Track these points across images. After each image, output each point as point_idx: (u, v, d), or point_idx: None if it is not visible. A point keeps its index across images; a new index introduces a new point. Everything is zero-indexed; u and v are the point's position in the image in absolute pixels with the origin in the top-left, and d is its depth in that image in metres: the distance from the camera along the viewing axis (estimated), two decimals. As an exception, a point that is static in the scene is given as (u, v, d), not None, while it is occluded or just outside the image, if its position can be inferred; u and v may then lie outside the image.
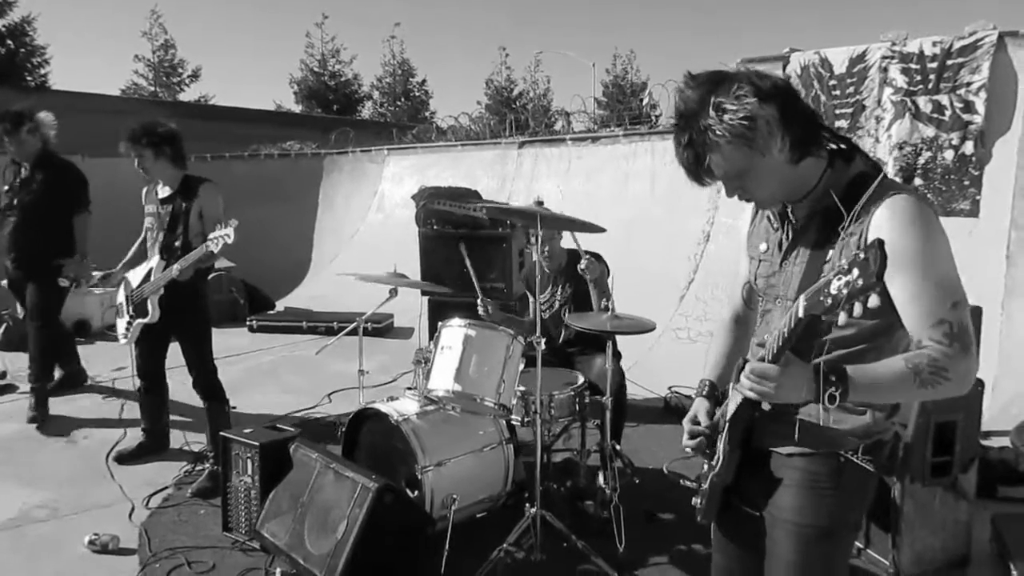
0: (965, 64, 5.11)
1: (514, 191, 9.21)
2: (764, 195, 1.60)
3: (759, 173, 1.52)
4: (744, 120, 1.44)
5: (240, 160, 12.51)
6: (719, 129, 1.46)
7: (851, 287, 1.27)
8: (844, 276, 1.29)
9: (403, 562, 2.96)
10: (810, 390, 1.44)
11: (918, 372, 1.42)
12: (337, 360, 6.05)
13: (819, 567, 1.64)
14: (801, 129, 1.50)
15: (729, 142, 1.46)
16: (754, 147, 1.47)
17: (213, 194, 4.03)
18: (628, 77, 29.04)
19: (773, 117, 1.46)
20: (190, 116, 19.52)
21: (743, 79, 1.48)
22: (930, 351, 1.42)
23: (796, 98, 1.53)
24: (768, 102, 1.46)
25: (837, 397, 1.42)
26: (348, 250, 10.57)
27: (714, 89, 1.48)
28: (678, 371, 5.54)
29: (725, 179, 1.55)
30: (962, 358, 1.42)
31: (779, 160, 1.50)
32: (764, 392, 1.46)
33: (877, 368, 1.47)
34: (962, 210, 5.14)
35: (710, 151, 1.49)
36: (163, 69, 28.21)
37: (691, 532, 3.34)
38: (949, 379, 1.42)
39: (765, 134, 1.46)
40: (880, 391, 1.48)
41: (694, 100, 1.49)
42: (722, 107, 1.45)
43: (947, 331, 1.42)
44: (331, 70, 30.50)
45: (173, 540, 3.35)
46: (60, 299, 5.12)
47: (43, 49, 24.20)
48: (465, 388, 3.19)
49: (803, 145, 1.51)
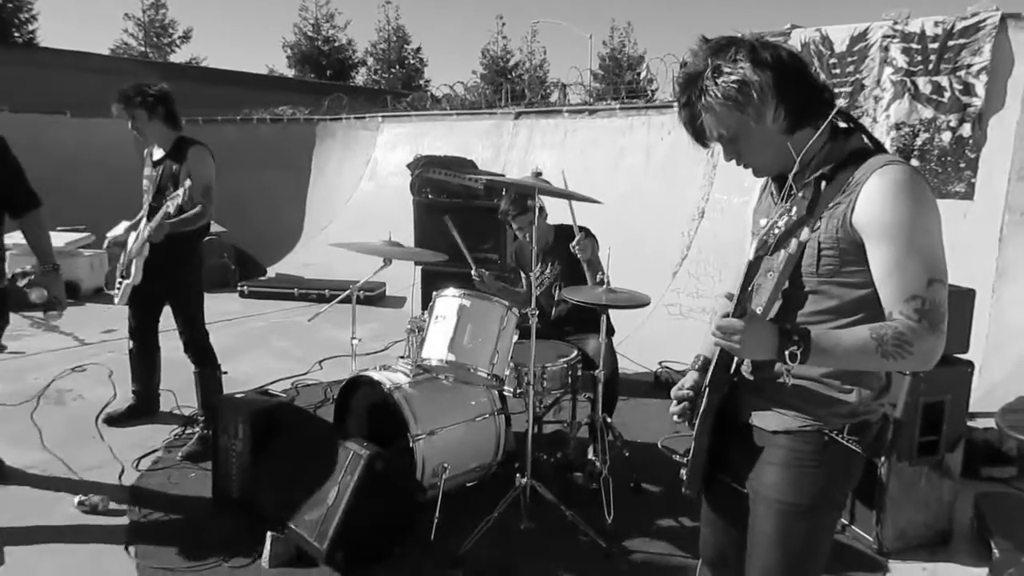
0: (966, 45, 5.08)
1: (509, 161, 9.16)
2: (757, 162, 1.62)
3: (752, 139, 1.55)
4: (735, 84, 1.48)
5: (232, 124, 12.36)
6: (712, 90, 1.50)
7: (788, 223, 1.34)
8: (786, 215, 1.37)
9: (393, 529, 2.98)
10: (772, 347, 1.46)
11: (882, 343, 1.43)
12: (328, 327, 6.04)
13: (800, 544, 1.65)
14: (798, 100, 1.51)
15: (722, 104, 1.50)
16: (745, 112, 1.50)
17: (202, 156, 3.95)
18: (625, 50, 28.80)
19: (767, 84, 1.48)
20: (181, 78, 19.26)
21: (744, 46, 1.50)
22: (898, 324, 1.44)
23: (798, 70, 1.53)
24: (763, 69, 1.48)
25: (798, 355, 1.44)
26: (341, 217, 10.52)
27: (717, 52, 1.51)
28: (669, 346, 5.58)
29: (720, 141, 1.59)
30: (928, 335, 1.44)
31: (773, 129, 1.53)
32: (729, 346, 1.48)
33: (841, 334, 1.49)
34: (957, 192, 5.15)
35: (704, 111, 1.54)
36: (153, 29, 27.76)
37: (679, 505, 3.38)
38: (912, 353, 1.44)
39: (757, 100, 1.48)
40: (841, 356, 1.48)
41: (698, 61, 1.53)
42: (719, 69, 1.49)
43: (918, 307, 1.44)
44: (325, 35, 30.13)
45: (163, 502, 3.36)
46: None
47: (30, 4, 23.75)
48: (459, 358, 3.20)
49: (799, 116, 1.53)
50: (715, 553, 1.92)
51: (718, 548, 1.91)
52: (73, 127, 11.58)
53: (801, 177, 1.60)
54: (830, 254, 1.52)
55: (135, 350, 4.32)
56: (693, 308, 6.29)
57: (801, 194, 1.41)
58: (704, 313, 6.04)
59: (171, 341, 4.20)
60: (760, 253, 1.42)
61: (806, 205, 1.39)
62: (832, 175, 1.53)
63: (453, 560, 2.92)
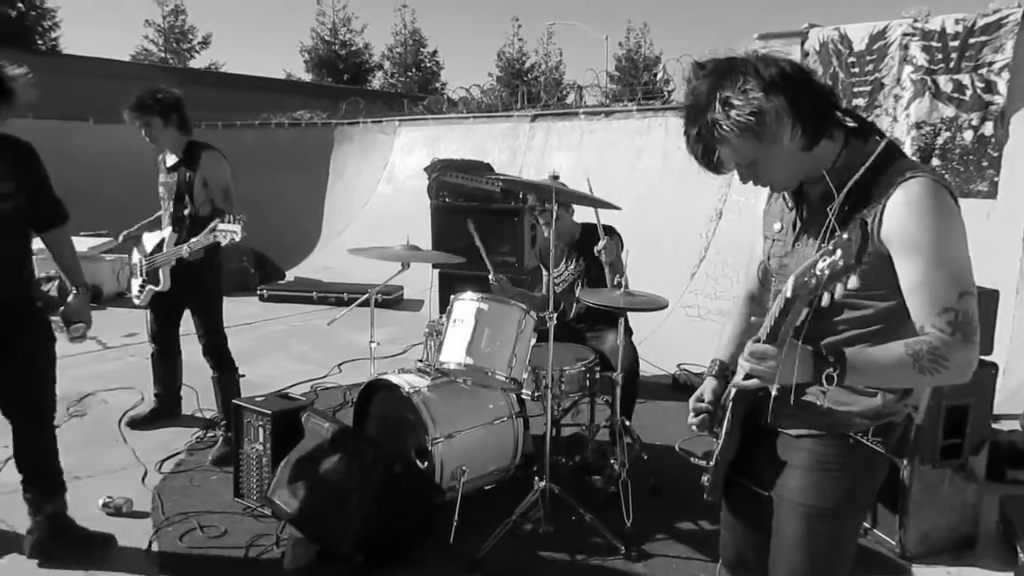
0: (988, 43, 5.02)
1: (525, 164, 9.16)
2: (778, 180, 1.60)
3: (771, 161, 1.51)
4: (751, 115, 1.43)
5: (250, 128, 12.47)
6: (727, 124, 1.45)
7: (833, 267, 1.28)
8: (829, 257, 1.29)
9: (412, 531, 2.99)
10: (807, 371, 1.45)
11: (918, 358, 1.42)
12: (347, 330, 6.07)
13: (826, 547, 1.64)
14: (813, 115, 1.48)
15: (738, 136, 1.46)
16: (763, 139, 1.46)
17: (216, 161, 3.97)
18: (641, 51, 28.76)
19: (782, 107, 1.44)
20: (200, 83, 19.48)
21: (749, 70, 1.45)
22: (931, 338, 1.43)
23: (806, 83, 1.49)
24: (775, 93, 1.44)
25: (835, 378, 1.42)
26: (358, 221, 10.56)
27: (720, 82, 1.46)
28: (688, 348, 5.55)
29: (737, 168, 1.55)
30: (963, 348, 1.43)
31: (791, 148, 1.49)
32: (761, 373, 1.46)
33: (876, 352, 1.47)
34: (980, 191, 5.08)
35: (719, 144, 1.49)
36: (173, 35, 28.06)
37: (698, 508, 3.36)
38: (948, 367, 1.43)
39: (774, 125, 1.45)
40: (878, 374, 1.48)
41: (701, 93, 1.48)
42: (728, 102, 1.44)
43: (951, 319, 1.42)
44: (342, 39, 30.29)
45: (186, 504, 3.40)
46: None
47: (53, 12, 24.11)
48: (477, 361, 3.20)
49: (816, 131, 1.50)
50: (735, 556, 1.92)
51: (738, 551, 1.90)
52: (96, 133, 11.74)
53: (818, 186, 1.58)
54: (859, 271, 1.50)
55: (157, 354, 4.37)
56: (711, 310, 6.26)
57: (846, 235, 1.28)
58: (722, 315, 6.00)
59: (191, 344, 4.25)
60: (799, 293, 1.36)
61: (854, 252, 1.25)
62: (856, 187, 1.51)
63: (472, 563, 2.93)
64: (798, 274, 1.36)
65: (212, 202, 3.93)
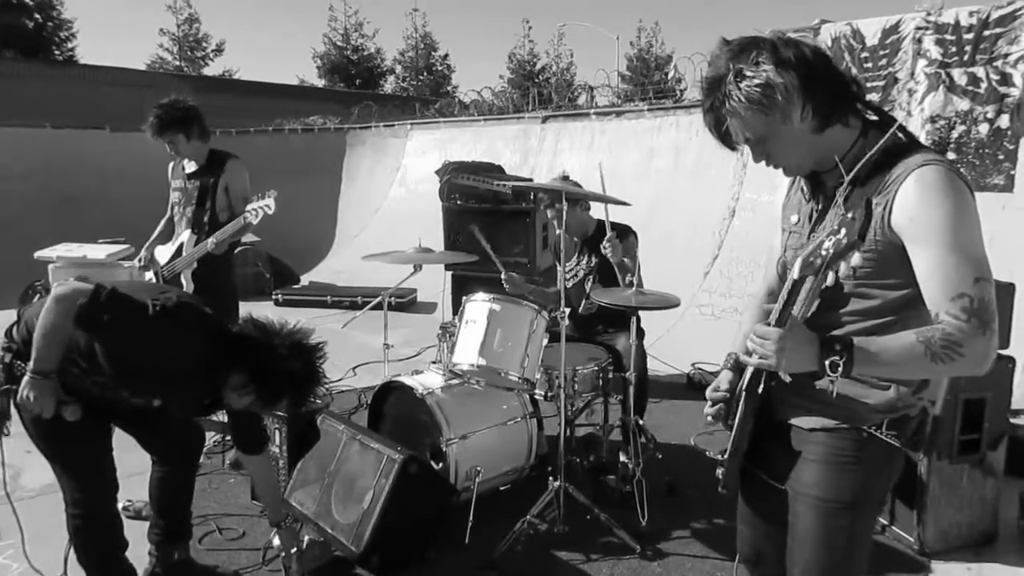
0: (1003, 35, 4.97)
1: (537, 165, 9.17)
2: (789, 162, 1.59)
3: (781, 140, 1.52)
4: (759, 87, 1.44)
5: (264, 134, 12.58)
6: (736, 95, 1.47)
7: (837, 246, 1.29)
8: (834, 236, 1.31)
9: (428, 532, 3.00)
10: (811, 355, 1.44)
11: (929, 345, 1.40)
12: (361, 333, 6.10)
13: (841, 541, 1.63)
14: (826, 98, 1.48)
15: (747, 108, 1.47)
16: (771, 114, 1.47)
17: (239, 169, 4.08)
18: (653, 51, 28.60)
19: (792, 85, 1.45)
20: (214, 90, 19.66)
21: (766, 47, 1.47)
22: (945, 325, 1.40)
23: (824, 67, 1.50)
24: (787, 69, 1.44)
25: (840, 366, 1.41)
26: (372, 225, 10.62)
27: (738, 56, 1.48)
28: (702, 347, 5.53)
29: (748, 144, 1.56)
30: (979, 335, 1.39)
31: (801, 128, 1.50)
32: (765, 354, 1.46)
33: (887, 340, 1.45)
34: (996, 184, 5.03)
35: (730, 115, 1.51)
36: (187, 43, 28.32)
37: (713, 506, 3.35)
38: (963, 355, 1.39)
39: (783, 102, 1.45)
40: (888, 363, 1.45)
41: (719, 66, 1.50)
42: (742, 73, 1.46)
43: (966, 306, 1.39)
44: (354, 44, 30.44)
45: (204, 507, 3.42)
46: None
47: (70, 23, 24.45)
48: (489, 362, 3.21)
49: (828, 114, 1.50)
50: (752, 551, 1.91)
51: (755, 546, 1.89)
52: (113, 141, 11.87)
53: (833, 176, 1.58)
54: (868, 256, 1.48)
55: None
56: (725, 308, 6.23)
57: (851, 215, 1.32)
58: (737, 313, 5.98)
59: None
60: (805, 273, 1.37)
61: (857, 229, 1.30)
62: (869, 175, 1.51)
63: (488, 563, 2.94)
64: (804, 255, 1.37)
65: (231, 208, 4.00)
